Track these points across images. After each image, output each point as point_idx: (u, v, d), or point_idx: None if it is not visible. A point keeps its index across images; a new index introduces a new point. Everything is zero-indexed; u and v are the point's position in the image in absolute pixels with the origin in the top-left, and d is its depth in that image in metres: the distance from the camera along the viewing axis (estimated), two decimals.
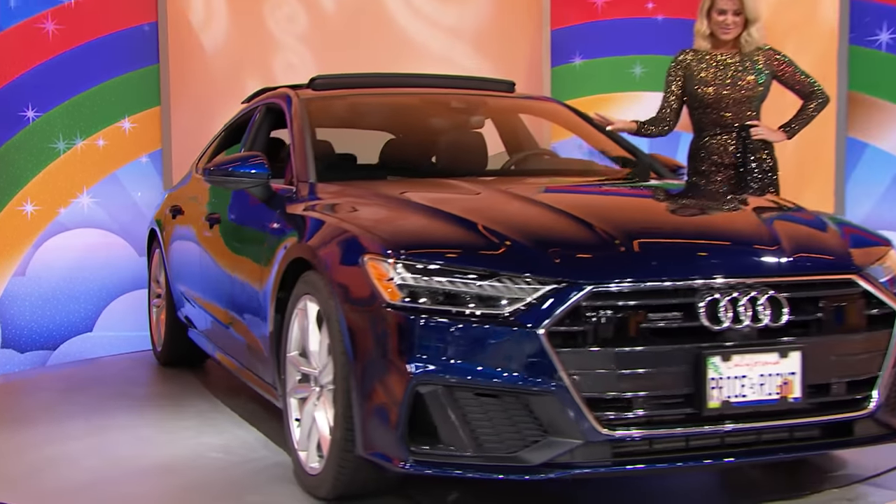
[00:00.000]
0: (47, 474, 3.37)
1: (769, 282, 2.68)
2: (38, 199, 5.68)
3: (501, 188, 3.45)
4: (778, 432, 2.69)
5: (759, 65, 4.37)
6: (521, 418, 2.52)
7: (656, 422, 2.57)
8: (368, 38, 6.80)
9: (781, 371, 2.62)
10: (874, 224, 5.19)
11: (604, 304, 2.55)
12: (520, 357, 2.50)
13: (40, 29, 5.65)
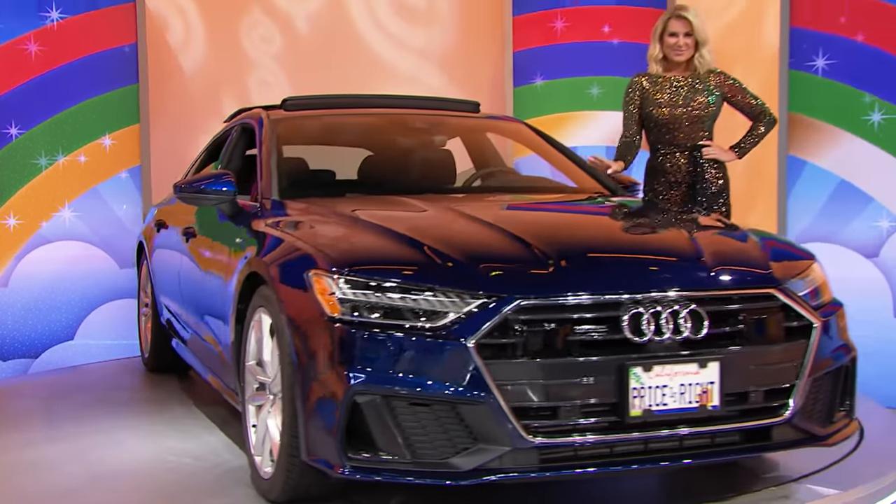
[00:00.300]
0: (26, 479, 3.37)
1: (691, 296, 2.70)
2: (20, 212, 5.67)
3: (449, 206, 3.45)
4: (699, 438, 2.71)
5: (710, 87, 4.41)
6: (452, 426, 2.55)
7: (581, 429, 2.58)
8: (340, 58, 6.86)
9: (701, 381, 2.65)
10: (813, 236, 5.39)
11: (531, 318, 2.57)
12: (451, 368, 2.52)
13: (23, 50, 5.64)
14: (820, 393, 2.94)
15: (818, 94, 5.36)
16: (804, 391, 2.82)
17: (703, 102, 4.40)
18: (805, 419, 2.87)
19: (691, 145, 4.40)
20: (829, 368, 2.95)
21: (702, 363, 2.65)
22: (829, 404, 2.99)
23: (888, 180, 5.17)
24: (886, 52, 5.16)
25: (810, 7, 5.36)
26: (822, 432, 2.93)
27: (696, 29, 4.39)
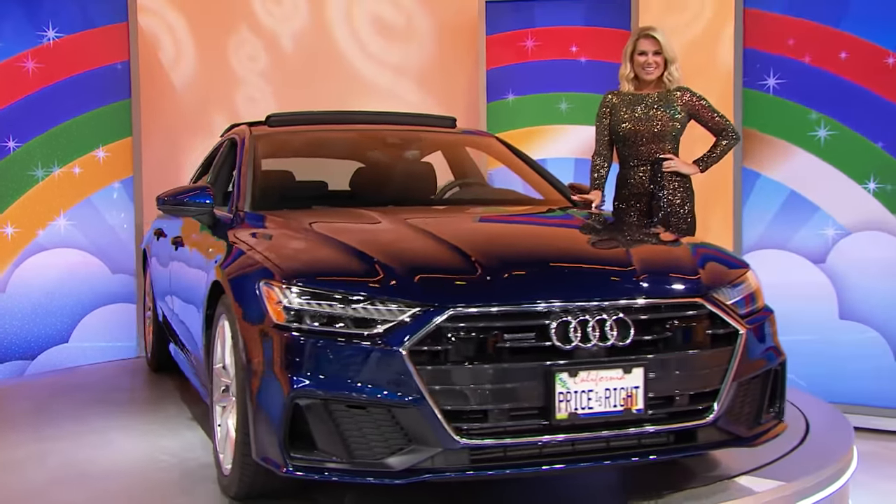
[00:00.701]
0: (13, 476, 3.39)
1: (618, 305, 2.70)
2: (18, 221, 5.66)
3: (403, 219, 3.41)
4: (626, 440, 2.71)
5: (675, 104, 4.42)
6: (387, 428, 2.55)
7: (511, 431, 2.59)
8: (323, 74, 6.93)
9: (626, 385, 2.65)
10: (766, 243, 5.43)
11: (462, 326, 2.57)
12: (385, 373, 2.52)
13: (21, 67, 5.63)
14: (747, 396, 2.94)
15: (769, 111, 5.39)
16: (729, 395, 2.81)
17: (667, 118, 4.41)
18: (731, 421, 2.86)
19: (653, 159, 4.41)
20: (757, 373, 2.94)
21: (626, 369, 2.66)
22: (757, 407, 2.98)
23: (833, 191, 5.22)
24: (831, 73, 5.22)
25: (762, 30, 5.40)
26: (748, 434, 2.93)
27: (664, 47, 4.41)
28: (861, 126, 5.17)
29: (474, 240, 3.13)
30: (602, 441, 2.68)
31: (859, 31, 5.15)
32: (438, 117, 4.93)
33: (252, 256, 2.99)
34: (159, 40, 6.62)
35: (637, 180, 4.45)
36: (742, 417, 2.92)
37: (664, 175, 4.37)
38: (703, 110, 4.48)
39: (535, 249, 3.16)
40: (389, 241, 3.09)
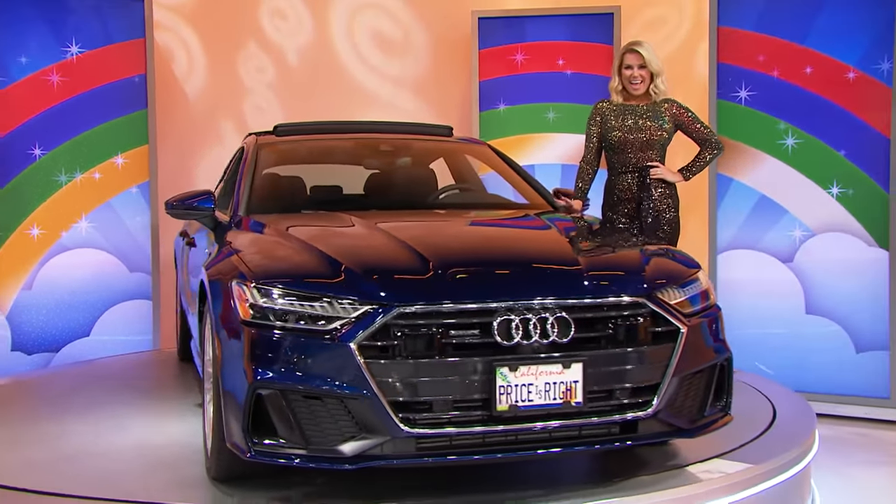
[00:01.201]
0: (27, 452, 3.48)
1: (560, 304, 2.69)
2: (43, 223, 5.65)
3: (376, 222, 3.38)
4: (567, 430, 2.69)
5: (663, 115, 4.38)
6: (340, 417, 2.58)
7: (455, 422, 2.59)
8: (326, 86, 6.96)
9: (565, 380, 2.64)
10: (738, 243, 5.48)
11: (409, 323, 2.58)
12: (338, 366, 2.55)
13: (46, 80, 5.63)
14: (690, 390, 2.90)
15: (741, 120, 5.44)
16: (670, 389, 2.79)
17: (655, 129, 4.37)
18: (673, 414, 2.84)
19: (641, 167, 4.37)
20: (700, 368, 2.91)
21: (566, 364, 2.65)
22: (701, 400, 2.95)
23: (800, 196, 5.28)
24: (797, 86, 5.28)
25: (734, 46, 5.45)
26: (690, 426, 2.90)
27: (648, 61, 4.35)
28: (825, 135, 5.23)
29: (435, 243, 3.11)
30: (544, 432, 2.67)
31: (823, 47, 5.22)
32: (436, 126, 4.91)
33: (231, 258, 3.02)
34: (174, 54, 6.66)
35: (626, 186, 4.42)
36: (685, 410, 2.90)
37: (651, 182, 4.34)
38: (689, 122, 4.45)
39: (489, 252, 3.14)
40: (354, 245, 3.09)
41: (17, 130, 5.58)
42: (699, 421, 2.94)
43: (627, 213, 4.39)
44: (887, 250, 5.08)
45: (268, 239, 3.23)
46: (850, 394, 5.17)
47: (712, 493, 2.93)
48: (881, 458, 4.51)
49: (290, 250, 3.02)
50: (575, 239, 3.39)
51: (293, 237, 3.16)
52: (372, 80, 7.07)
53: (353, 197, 4.39)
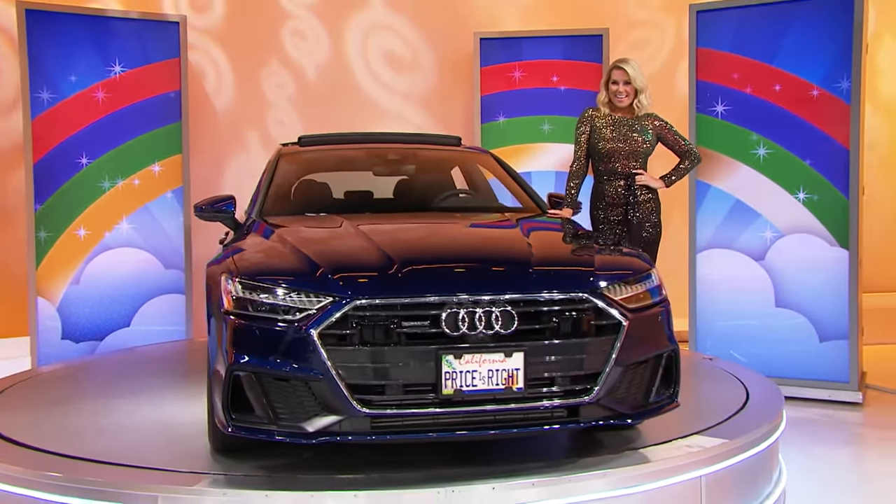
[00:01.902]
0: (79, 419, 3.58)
1: (506, 298, 2.69)
2: (89, 225, 5.71)
3: (356, 223, 3.37)
4: (513, 413, 2.69)
5: (646, 127, 4.35)
6: (304, 397, 2.64)
7: (405, 404, 2.62)
8: (341, 100, 7.02)
9: (507, 367, 2.65)
10: (716, 243, 5.51)
11: (365, 314, 2.62)
12: (302, 352, 2.61)
13: (93, 97, 5.69)
14: (634, 379, 2.88)
15: (718, 132, 5.49)
16: (611, 377, 2.77)
17: (639, 140, 4.34)
18: (615, 401, 2.82)
19: (626, 173, 4.34)
20: (644, 359, 2.89)
21: (508, 353, 2.66)
22: (645, 389, 2.93)
23: (771, 200, 5.33)
24: (768, 102, 5.33)
25: (711, 66, 5.51)
26: (632, 412, 2.87)
27: (633, 78, 4.30)
28: (792, 146, 5.28)
29: (403, 244, 3.13)
30: (489, 414, 2.68)
31: (790, 67, 5.27)
32: (446, 137, 4.87)
33: (229, 257, 3.06)
34: (204, 72, 6.74)
35: (612, 192, 4.38)
36: (629, 397, 2.87)
37: (636, 188, 4.31)
38: (670, 135, 4.43)
39: (449, 251, 3.14)
40: (331, 246, 3.13)
41: (66, 141, 5.64)
42: (643, 407, 2.91)
43: (614, 216, 4.38)
44: (847, 249, 5.16)
45: (264, 240, 3.25)
46: (815, 378, 5.23)
47: (693, 464, 3.01)
48: (841, 436, 4.60)
49: (277, 251, 3.07)
50: (537, 239, 3.31)
51: (285, 239, 3.18)
52: (383, 95, 7.15)
53: (365, 201, 4.36)
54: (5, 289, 6.11)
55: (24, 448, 3.12)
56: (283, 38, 6.98)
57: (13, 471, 2.89)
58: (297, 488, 2.67)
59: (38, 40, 5.53)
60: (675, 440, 3.18)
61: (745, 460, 3.22)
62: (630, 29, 7.23)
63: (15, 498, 2.87)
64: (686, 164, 4.43)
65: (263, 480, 2.74)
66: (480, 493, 2.69)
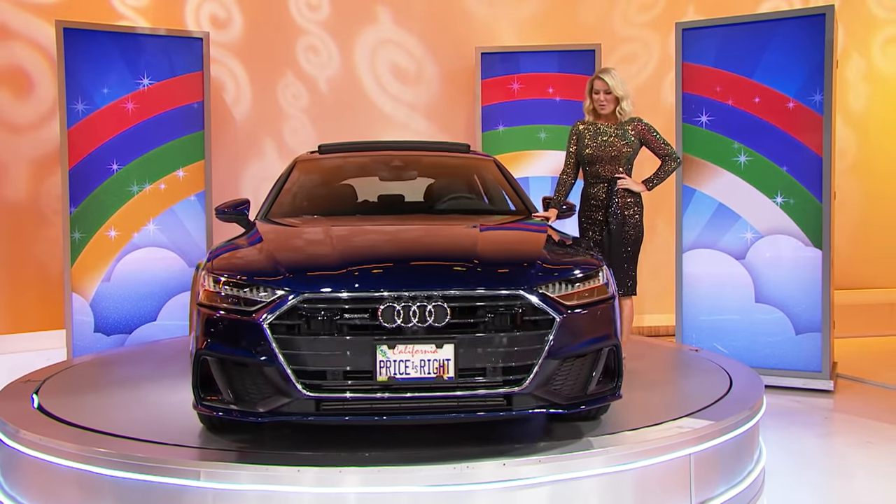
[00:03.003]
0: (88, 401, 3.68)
1: (441, 294, 2.73)
2: (119, 226, 5.80)
3: (329, 225, 3.45)
4: (447, 401, 2.74)
5: (629, 133, 4.30)
6: (259, 381, 2.76)
7: (346, 389, 2.70)
8: (351, 110, 7.07)
9: (438, 357, 2.70)
10: (700, 244, 5.57)
11: (311, 307, 2.72)
12: (256, 340, 2.72)
13: (123, 107, 5.77)
14: (571, 372, 2.88)
15: (702, 141, 5.57)
16: (544, 370, 2.77)
17: (622, 145, 4.30)
18: (549, 392, 2.82)
19: (609, 178, 4.31)
20: (581, 353, 2.88)
21: (439, 344, 2.70)
22: (583, 382, 2.92)
23: (751, 204, 5.42)
24: (748, 113, 5.42)
25: (696, 79, 5.60)
26: (565, 403, 2.86)
27: (613, 87, 4.26)
28: (770, 154, 5.38)
29: (360, 243, 3.22)
30: (424, 401, 2.73)
31: (768, 81, 5.38)
32: (455, 144, 4.87)
33: (215, 255, 3.17)
34: (224, 85, 6.81)
35: (596, 195, 4.36)
36: (564, 389, 2.87)
37: (617, 191, 4.29)
38: (652, 139, 4.36)
39: (401, 249, 3.19)
40: (297, 246, 3.23)
41: (99, 149, 5.72)
42: (580, 399, 2.91)
43: (598, 217, 4.35)
44: (820, 249, 5.25)
45: (247, 241, 3.33)
46: (791, 368, 5.32)
47: (683, 443, 3.10)
48: (814, 420, 4.71)
49: (252, 251, 3.15)
50: (492, 240, 3.30)
51: (264, 241, 3.26)
52: (390, 105, 7.21)
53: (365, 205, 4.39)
54: (41, 285, 6.15)
55: (75, 427, 3.23)
56: (297, 53, 7.04)
57: (69, 447, 3.00)
58: (325, 464, 2.78)
59: (74, 56, 5.61)
60: (666, 422, 3.27)
61: (729, 440, 3.31)
62: (619, 44, 7.34)
63: (71, 471, 2.99)
64: (668, 167, 4.37)
65: (294, 458, 2.84)
66: (492, 468, 2.80)
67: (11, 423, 3.26)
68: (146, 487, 2.83)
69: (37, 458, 3.09)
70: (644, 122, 4.37)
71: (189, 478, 2.77)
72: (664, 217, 6.94)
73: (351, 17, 7.14)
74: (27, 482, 3.17)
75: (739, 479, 3.37)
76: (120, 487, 2.88)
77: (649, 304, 7.34)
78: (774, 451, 4.06)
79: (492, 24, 7.31)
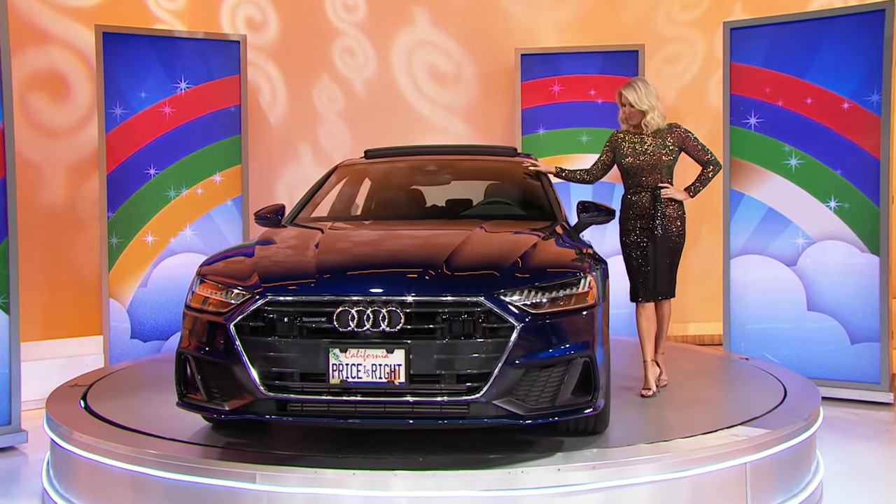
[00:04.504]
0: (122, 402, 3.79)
1: (397, 300, 2.82)
2: (156, 231, 5.91)
3: (316, 231, 3.59)
4: (402, 406, 2.81)
5: (667, 141, 4.32)
6: (229, 380, 2.93)
7: (304, 391, 2.84)
8: (388, 112, 7.19)
9: (389, 363, 2.79)
10: (749, 250, 5.62)
11: (274, 310, 2.88)
12: (223, 341, 2.91)
13: (161, 111, 5.91)
14: (537, 382, 2.88)
15: (751, 144, 5.62)
16: (505, 379, 2.79)
17: (662, 153, 4.33)
18: (511, 401, 2.83)
19: (652, 186, 4.33)
20: (546, 363, 2.88)
21: (389, 349, 2.79)
22: (552, 393, 2.90)
23: (802, 208, 5.45)
24: (798, 114, 5.47)
25: (744, 80, 5.65)
26: (526, 414, 2.85)
27: (634, 102, 4.29)
28: (824, 156, 5.41)
29: (336, 249, 3.34)
30: (378, 405, 2.83)
31: (821, 81, 5.42)
32: (501, 147, 4.92)
33: (209, 258, 3.41)
34: (260, 88, 6.96)
35: (640, 204, 4.37)
36: (528, 399, 2.87)
37: (662, 200, 4.32)
38: (691, 144, 4.37)
39: (371, 256, 3.32)
40: (279, 250, 3.39)
41: (136, 154, 5.88)
42: (547, 411, 2.89)
43: (642, 225, 4.38)
44: (878, 256, 5.27)
45: (245, 247, 3.51)
46: (846, 379, 5.33)
47: (738, 451, 3.18)
48: (873, 434, 4.71)
49: (240, 254, 3.34)
50: (474, 245, 3.29)
51: (259, 244, 3.47)
52: (427, 108, 7.33)
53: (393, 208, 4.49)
54: (77, 291, 6.29)
55: (126, 430, 3.39)
56: (333, 55, 7.19)
57: (122, 449, 3.15)
58: (378, 468, 2.88)
59: (113, 60, 5.80)
60: (721, 430, 3.34)
61: (786, 450, 3.38)
62: (663, 44, 7.40)
63: (123, 473, 3.14)
64: (709, 174, 4.39)
65: (346, 462, 2.96)
66: (545, 474, 2.89)
67: (65, 426, 3.41)
68: (198, 490, 2.96)
69: (90, 460, 3.24)
70: (683, 128, 4.43)
71: (244, 480, 2.89)
72: (710, 222, 6.97)
73: (388, 19, 7.27)
74: (80, 484, 3.32)
75: (797, 491, 3.42)
76: (172, 489, 3.01)
77: (694, 311, 7.36)
78: (832, 463, 4.08)
79: (531, 25, 7.40)
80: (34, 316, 5.98)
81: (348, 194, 4.67)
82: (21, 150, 5.35)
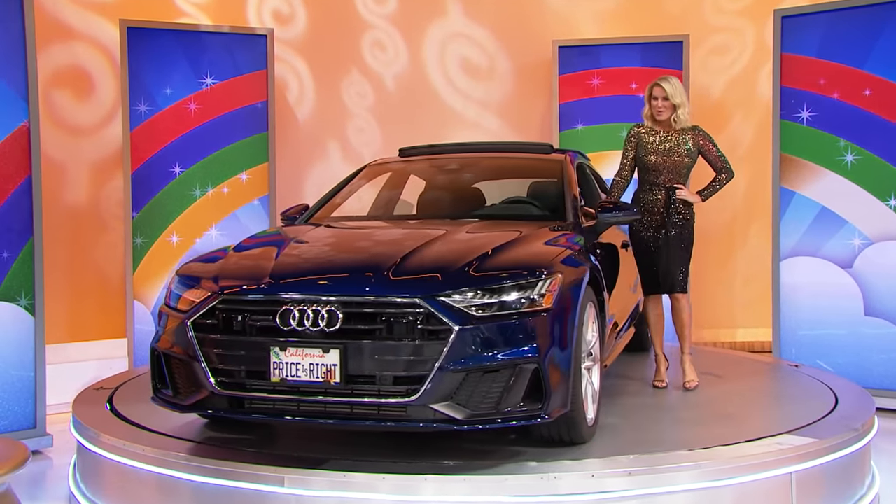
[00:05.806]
0: None
1: (338, 300, 2.96)
2: (181, 231, 6.07)
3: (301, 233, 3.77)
4: (340, 406, 2.94)
5: (688, 142, 4.50)
6: (187, 375, 3.16)
7: (249, 388, 3.02)
8: (419, 108, 7.29)
9: (325, 362, 2.92)
10: (800, 251, 5.62)
11: (227, 308, 3.09)
12: (182, 337, 3.14)
13: (186, 108, 6.08)
14: (479, 387, 2.91)
15: (804, 139, 5.62)
16: (439, 381, 2.85)
17: (684, 154, 4.50)
18: (451, 405, 2.88)
19: (668, 186, 4.50)
20: (488, 367, 2.91)
21: (325, 349, 2.92)
22: (495, 398, 2.92)
23: (859, 207, 5.43)
24: (855, 107, 5.45)
25: (796, 71, 5.65)
26: (463, 418, 2.89)
27: (671, 95, 4.46)
28: (883, 151, 5.39)
29: (298, 250, 3.50)
30: (319, 405, 2.98)
31: (882, 72, 5.39)
32: (537, 144, 5.00)
33: (192, 259, 3.63)
34: (288, 84, 7.11)
35: (653, 202, 4.55)
36: (470, 404, 2.91)
37: (675, 201, 4.49)
38: (710, 150, 4.55)
39: (326, 258, 3.46)
40: (255, 251, 3.57)
41: (161, 152, 6.05)
42: (490, 416, 2.92)
43: (651, 223, 4.55)
44: None
45: (231, 248, 3.69)
46: None
47: (783, 461, 3.21)
48: None
49: (218, 255, 3.54)
50: (440, 247, 3.37)
51: (243, 243, 3.72)
52: (460, 103, 7.42)
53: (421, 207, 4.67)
54: (100, 292, 6.48)
55: (154, 433, 3.54)
56: (362, 49, 7.31)
57: (149, 451, 3.30)
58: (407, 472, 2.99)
59: (137, 56, 5.99)
60: (765, 438, 3.37)
61: (835, 461, 3.40)
62: (709, 34, 7.39)
63: (151, 475, 3.29)
64: (722, 180, 4.59)
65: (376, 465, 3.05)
66: (579, 480, 2.97)
67: (93, 428, 3.57)
68: (226, 493, 3.09)
69: (117, 462, 3.40)
70: (704, 131, 4.57)
71: (273, 484, 3.01)
72: (758, 222, 6.97)
73: (419, 11, 7.37)
74: (107, 486, 3.48)
75: None
76: (200, 492, 3.15)
77: (742, 317, 7.35)
78: (891, 478, 4.06)
79: (568, 15, 7.45)
80: (58, 318, 6.15)
81: (387, 194, 4.85)
82: (44, 149, 5.46)
